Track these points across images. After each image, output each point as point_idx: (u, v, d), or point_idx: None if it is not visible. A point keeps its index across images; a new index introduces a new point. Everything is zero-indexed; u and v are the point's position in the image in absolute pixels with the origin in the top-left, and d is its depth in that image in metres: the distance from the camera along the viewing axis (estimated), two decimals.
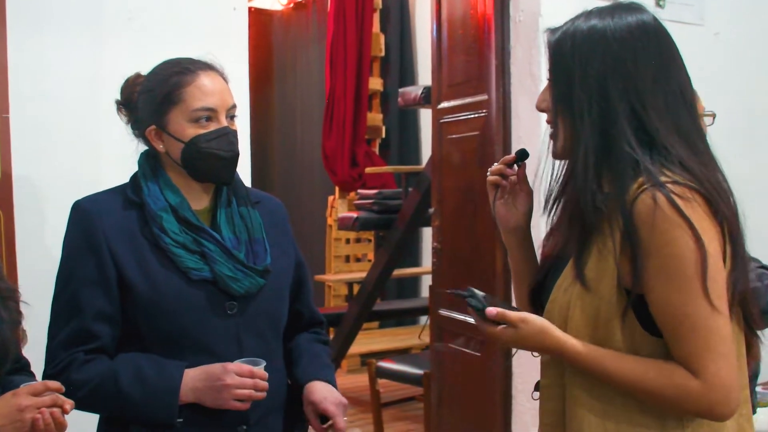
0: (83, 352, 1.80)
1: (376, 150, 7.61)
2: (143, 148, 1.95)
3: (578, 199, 1.55)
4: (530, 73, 3.54)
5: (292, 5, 8.37)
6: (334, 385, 1.98)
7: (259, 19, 8.62)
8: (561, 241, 1.65)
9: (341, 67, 7.21)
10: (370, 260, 7.18)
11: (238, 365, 1.79)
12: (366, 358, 5.83)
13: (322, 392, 1.93)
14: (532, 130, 3.54)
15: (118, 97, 1.96)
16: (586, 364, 1.53)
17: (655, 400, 1.50)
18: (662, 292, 1.47)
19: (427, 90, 4.76)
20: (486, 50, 3.75)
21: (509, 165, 1.76)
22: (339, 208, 7.26)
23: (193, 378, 1.79)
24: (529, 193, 1.77)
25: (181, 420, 1.78)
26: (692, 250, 1.43)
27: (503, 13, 3.66)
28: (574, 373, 1.57)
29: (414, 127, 7.61)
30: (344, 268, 7.24)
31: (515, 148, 3.60)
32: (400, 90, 5.31)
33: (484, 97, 3.79)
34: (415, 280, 7.56)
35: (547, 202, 1.69)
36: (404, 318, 7.18)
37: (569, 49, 1.56)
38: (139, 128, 1.92)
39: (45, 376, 1.81)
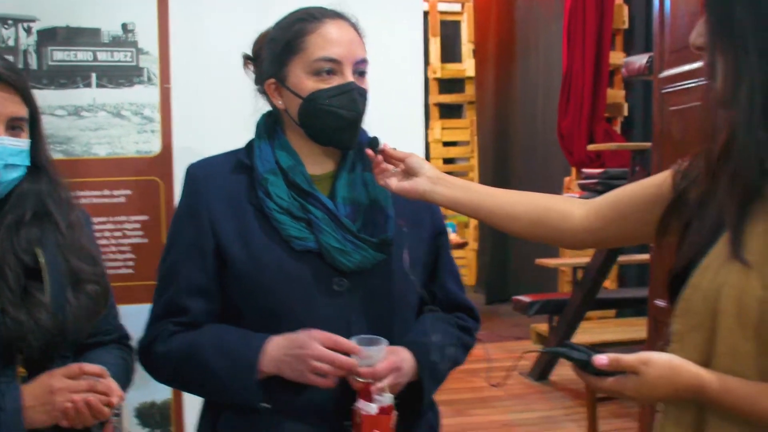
0: (172, 323, 1.70)
1: (617, 128, 7.15)
2: (265, 108, 1.81)
3: (741, 156, 1.21)
4: None
5: None
6: (421, 356, 1.69)
7: None
8: (715, 214, 1.28)
9: (580, 41, 6.84)
10: None
11: (325, 333, 1.58)
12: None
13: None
14: None
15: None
16: (733, 405, 1.20)
17: None
18: None
19: (652, 59, 4.33)
20: None
21: (376, 155, 1.68)
22: (575, 189, 6.90)
23: (276, 345, 1.61)
24: (405, 158, 1.67)
25: (267, 406, 1.62)
26: None
27: None
28: None
29: None
30: (579, 252, 6.87)
31: None
32: (625, 60, 4.91)
33: None
34: None
35: (708, 163, 1.31)
36: (640, 307, 6.68)
37: None
38: (261, 83, 1.77)
39: (138, 348, 1.76)
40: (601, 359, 1.25)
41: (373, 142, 1.70)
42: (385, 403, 1.58)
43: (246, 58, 1.83)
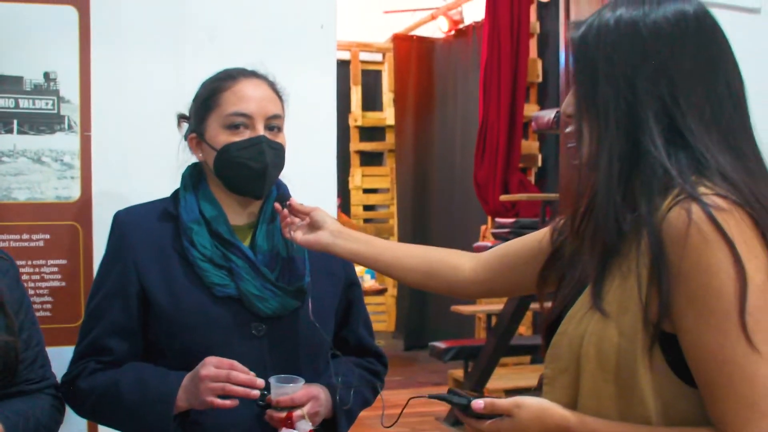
0: (95, 361, 1.77)
1: (532, 178, 7.39)
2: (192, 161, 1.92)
3: (600, 217, 1.31)
4: None
5: (453, 32, 8.34)
6: (334, 394, 1.80)
7: (421, 46, 8.71)
8: (582, 268, 1.40)
9: (495, 93, 7.07)
10: None
11: (220, 358, 1.67)
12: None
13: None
14: None
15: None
16: None
17: None
18: (694, 332, 1.22)
19: (559, 114, 4.54)
20: None
21: (283, 209, 1.81)
22: (490, 238, 7.08)
23: (185, 379, 1.70)
24: (310, 212, 1.79)
25: None
26: (732, 278, 1.18)
27: None
28: None
29: None
30: (494, 299, 7.03)
31: None
32: (534, 114, 5.13)
33: None
34: None
35: (573, 222, 1.42)
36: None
37: (593, 41, 1.34)
38: (186, 138, 1.90)
39: (60, 383, 1.80)
40: (479, 403, 1.34)
41: (284, 197, 1.81)
42: (306, 429, 1.68)
43: (180, 117, 1.94)
